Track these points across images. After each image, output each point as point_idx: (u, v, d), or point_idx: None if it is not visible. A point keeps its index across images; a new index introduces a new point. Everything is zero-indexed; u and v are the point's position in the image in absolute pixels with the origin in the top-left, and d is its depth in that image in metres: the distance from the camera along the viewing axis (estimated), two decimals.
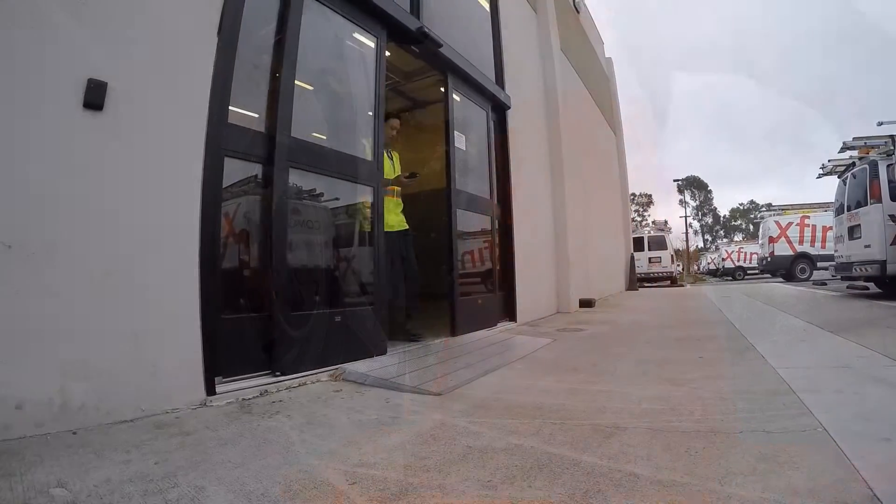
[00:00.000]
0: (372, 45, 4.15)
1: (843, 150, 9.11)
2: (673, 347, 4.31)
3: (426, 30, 4.76)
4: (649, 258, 21.44)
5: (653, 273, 21.43)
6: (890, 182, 7.82)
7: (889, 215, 7.72)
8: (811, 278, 18.73)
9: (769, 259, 20.22)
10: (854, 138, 8.82)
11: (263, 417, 2.49)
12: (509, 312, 6.45)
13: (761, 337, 4.54)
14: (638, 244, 20.98)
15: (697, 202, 76.79)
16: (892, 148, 7.93)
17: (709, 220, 77.17)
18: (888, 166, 7.95)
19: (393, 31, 4.39)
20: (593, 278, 10.97)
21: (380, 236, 3.98)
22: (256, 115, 3.24)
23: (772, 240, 20.11)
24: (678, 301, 10.11)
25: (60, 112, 2.21)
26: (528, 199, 7.33)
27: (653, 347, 4.33)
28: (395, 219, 4.69)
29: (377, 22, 4.18)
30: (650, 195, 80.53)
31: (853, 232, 8.70)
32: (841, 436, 1.92)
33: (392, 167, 4.74)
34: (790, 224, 20.24)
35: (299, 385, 3.16)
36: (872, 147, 8.60)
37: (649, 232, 23.20)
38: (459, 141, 5.68)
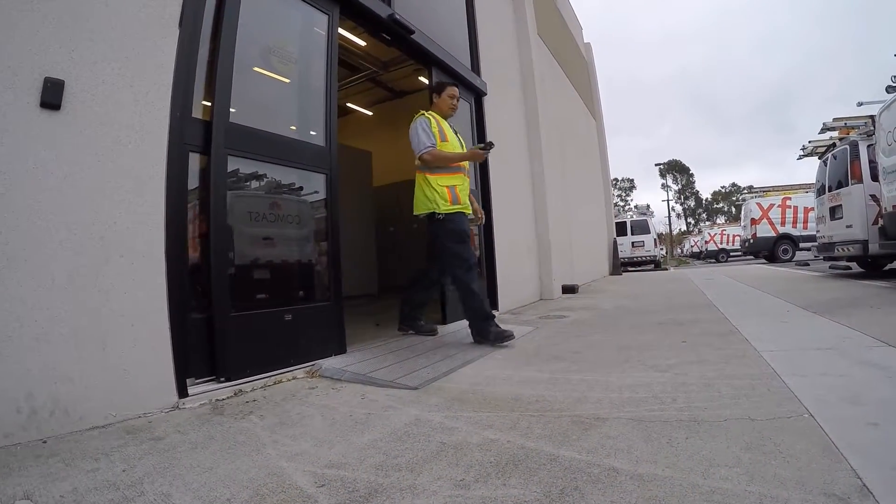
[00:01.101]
0: (323, 21, 3.89)
1: (823, 131, 9.16)
2: (656, 332, 4.26)
3: (397, 16, 4.61)
4: (632, 242, 21.58)
5: (636, 257, 21.58)
6: (870, 162, 7.86)
7: (870, 195, 7.76)
8: (793, 259, 18.96)
9: (752, 241, 20.48)
10: (834, 119, 8.87)
11: (236, 419, 2.40)
12: (491, 301, 6.34)
13: (745, 319, 4.51)
14: (621, 229, 21.09)
15: (679, 186, 77.60)
16: (872, 128, 7.94)
17: (691, 203, 78.04)
18: (868, 146, 7.99)
19: (348, 9, 4.18)
20: (576, 264, 10.95)
21: (335, 225, 3.78)
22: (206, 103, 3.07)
23: (754, 221, 20.37)
24: (662, 285, 10.08)
25: (16, 114, 2.09)
26: (508, 187, 7.24)
27: (635, 333, 4.26)
28: (465, 199, 4.25)
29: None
30: (632, 180, 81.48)
31: (835, 212, 8.74)
32: (828, 421, 1.86)
33: (459, 141, 4.33)
34: (772, 206, 20.51)
35: (275, 383, 3.07)
36: (853, 128, 8.66)
37: (632, 216, 23.31)
38: None
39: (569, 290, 8.95)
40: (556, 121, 10.57)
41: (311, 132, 3.76)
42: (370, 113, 12.29)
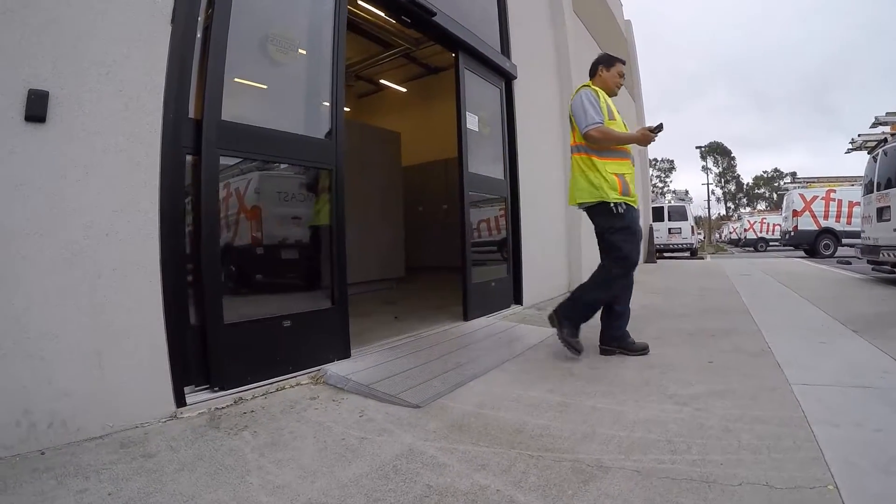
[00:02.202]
0: (329, 2, 3.62)
1: (874, 125, 8.60)
2: (683, 344, 4.04)
3: None
4: (669, 229, 20.94)
5: (672, 244, 20.96)
6: None
7: None
8: (835, 254, 18.22)
9: (792, 233, 19.72)
10: (887, 113, 8.33)
11: (229, 434, 2.34)
12: (516, 295, 6.21)
13: (779, 334, 4.23)
14: (658, 214, 20.50)
15: (720, 168, 75.43)
16: None
17: (731, 187, 75.84)
18: None
19: None
20: None
21: (340, 224, 3.51)
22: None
23: (795, 213, 19.57)
24: (695, 279, 9.69)
25: (1, 130, 2.04)
26: (537, 172, 6.96)
27: (661, 344, 4.02)
28: (634, 191, 3.79)
29: None
30: (672, 161, 79.37)
31: (882, 213, 8.10)
32: (854, 497, 1.66)
33: (622, 122, 3.87)
34: (815, 198, 19.67)
35: (277, 390, 3.00)
36: None
37: (670, 201, 22.68)
38: (472, 122, 5.36)
39: None
40: None
41: (316, 124, 3.57)
42: (404, 90, 12.09)
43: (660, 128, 3.65)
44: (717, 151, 74.80)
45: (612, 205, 3.57)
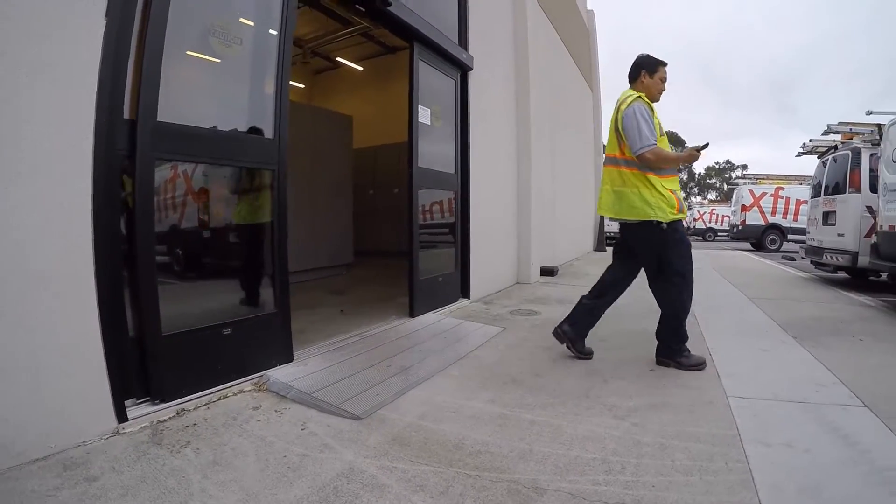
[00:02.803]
0: None
1: (826, 132, 8.91)
2: (627, 347, 4.10)
3: None
4: None
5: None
6: (871, 171, 7.62)
7: (866, 206, 7.56)
8: (780, 249, 18.94)
9: (740, 227, 20.39)
10: (839, 123, 8.64)
11: (171, 452, 2.27)
12: (464, 289, 6.20)
13: (721, 339, 4.37)
14: None
15: None
16: (877, 137, 7.66)
17: (683, 176, 77.64)
18: (871, 155, 7.75)
19: None
20: (560, 240, 10.80)
21: (282, 226, 3.38)
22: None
23: (744, 208, 20.27)
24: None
25: None
26: (490, 162, 6.94)
27: (607, 348, 4.08)
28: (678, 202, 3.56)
29: None
30: None
31: (828, 217, 8.54)
32: None
33: (665, 136, 3.62)
34: (764, 194, 20.39)
35: (220, 399, 2.92)
36: (857, 133, 8.39)
37: None
38: (424, 116, 5.24)
39: (547, 272, 8.79)
40: (548, 93, 10.19)
41: (258, 123, 3.37)
42: (360, 68, 11.85)
43: (706, 146, 3.58)
44: (670, 140, 76.41)
45: (665, 224, 3.46)
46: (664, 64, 3.69)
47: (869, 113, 8.02)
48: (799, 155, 10.20)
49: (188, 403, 2.77)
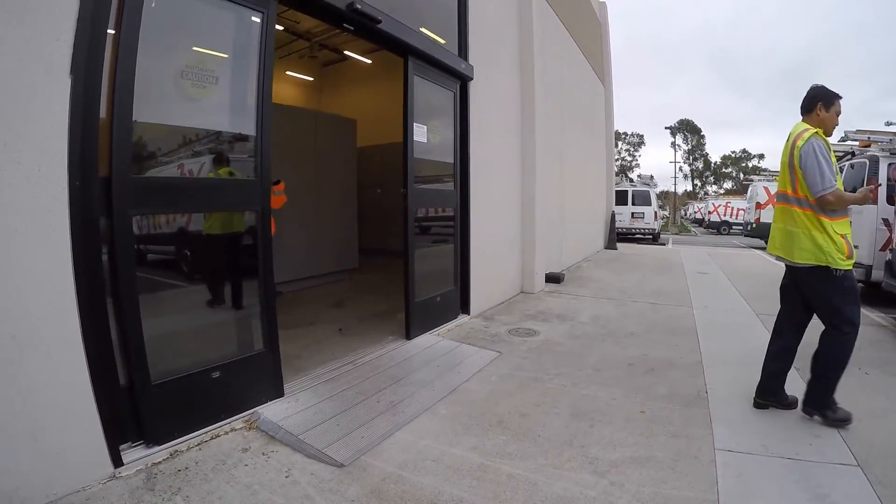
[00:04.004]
0: (255, 22, 3.32)
1: (843, 139, 8.73)
2: (619, 384, 3.96)
3: (359, 6, 4.05)
4: (632, 213, 21.10)
5: (635, 229, 21.14)
6: (889, 181, 7.41)
7: (882, 219, 7.37)
8: None
9: (754, 225, 20.10)
10: (857, 130, 8.44)
11: (163, 500, 2.39)
12: (463, 304, 6.15)
13: (720, 370, 4.26)
14: (622, 197, 20.60)
15: (689, 146, 76.23)
16: None
17: (699, 165, 76.72)
18: (889, 165, 7.54)
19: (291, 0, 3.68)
20: (568, 242, 10.70)
21: (267, 265, 3.38)
22: None
23: (759, 206, 19.97)
24: (652, 279, 9.67)
25: None
26: (491, 176, 6.82)
27: (598, 381, 4.02)
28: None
29: None
30: (642, 135, 79.97)
31: None
32: None
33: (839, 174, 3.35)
34: None
35: (212, 438, 3.02)
36: (875, 142, 8.18)
37: (634, 186, 22.77)
38: (420, 134, 5.16)
39: (553, 279, 8.71)
40: (557, 91, 10.04)
41: (239, 164, 3.35)
42: (369, 61, 11.76)
43: (878, 186, 3.37)
44: (687, 129, 75.45)
45: (840, 272, 3.24)
46: (840, 97, 3.47)
47: (889, 123, 7.88)
48: None
49: (181, 445, 2.88)
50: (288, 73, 11.88)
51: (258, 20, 3.31)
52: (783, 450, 2.93)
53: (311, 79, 12.56)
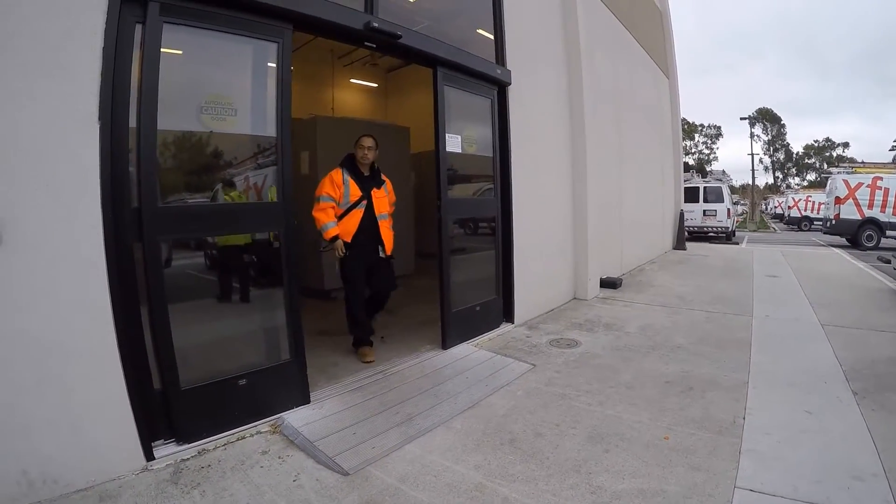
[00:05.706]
0: (270, 52, 3.53)
1: None
2: (649, 405, 3.78)
3: (375, 24, 4.13)
4: (704, 211, 20.15)
5: (707, 227, 20.21)
6: None
7: None
8: (878, 246, 17.35)
9: (834, 222, 18.68)
10: None
11: (182, 492, 2.71)
12: (507, 312, 6.13)
13: (765, 392, 3.94)
14: (693, 194, 19.71)
15: (769, 136, 71.99)
16: None
17: (780, 155, 72.42)
18: None
19: (306, 26, 3.80)
20: (626, 246, 10.35)
21: (291, 282, 3.63)
22: None
23: (838, 200, 18.43)
24: (715, 283, 9.22)
25: None
26: (537, 181, 6.70)
27: (627, 399, 3.89)
28: None
29: (276, 19, 3.49)
30: (719, 127, 76.30)
31: None
32: None
33: None
34: (860, 185, 18.42)
35: (238, 439, 3.31)
36: None
37: (706, 181, 21.82)
38: (453, 143, 5.20)
39: (609, 284, 8.49)
40: (611, 87, 9.69)
41: (263, 189, 3.63)
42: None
43: None
44: (766, 118, 71.36)
45: None
46: None
47: None
48: (893, 149, 9.19)
49: (209, 444, 3.19)
50: (353, 80, 12.11)
51: (274, 51, 3.53)
52: (814, 494, 2.60)
53: (376, 85, 12.78)
